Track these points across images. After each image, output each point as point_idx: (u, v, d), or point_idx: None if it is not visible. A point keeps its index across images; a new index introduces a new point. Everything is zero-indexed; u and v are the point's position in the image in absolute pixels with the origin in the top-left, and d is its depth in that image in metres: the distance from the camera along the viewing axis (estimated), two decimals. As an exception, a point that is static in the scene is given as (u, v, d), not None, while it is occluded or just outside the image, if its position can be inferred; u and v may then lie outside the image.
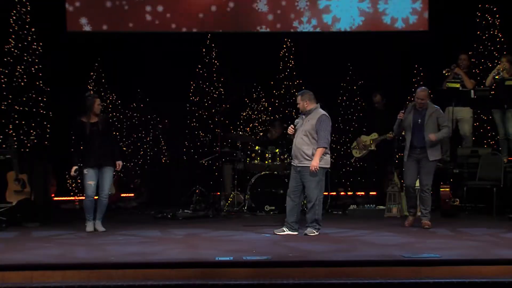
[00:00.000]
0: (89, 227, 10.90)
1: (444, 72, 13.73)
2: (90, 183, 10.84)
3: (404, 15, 15.68)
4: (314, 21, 15.67)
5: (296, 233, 10.38)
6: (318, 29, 15.69)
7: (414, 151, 11.10)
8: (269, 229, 10.89)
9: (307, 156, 10.28)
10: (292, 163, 10.56)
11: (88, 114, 10.98)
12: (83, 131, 10.89)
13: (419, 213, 11.30)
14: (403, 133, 11.68)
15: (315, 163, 10.09)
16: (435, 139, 10.86)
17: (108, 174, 11.00)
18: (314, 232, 10.27)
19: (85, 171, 10.86)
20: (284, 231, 10.39)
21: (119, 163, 11.01)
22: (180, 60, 15.83)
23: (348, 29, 15.64)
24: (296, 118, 10.60)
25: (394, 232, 10.60)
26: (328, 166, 10.49)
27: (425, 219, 11.17)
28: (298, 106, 10.58)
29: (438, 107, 11.33)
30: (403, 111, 11.24)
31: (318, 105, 10.55)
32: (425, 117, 11.09)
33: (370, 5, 15.66)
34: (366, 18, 15.65)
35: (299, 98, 10.57)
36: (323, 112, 10.47)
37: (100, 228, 10.96)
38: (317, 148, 10.19)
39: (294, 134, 10.48)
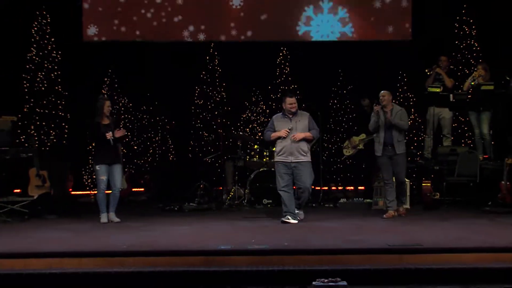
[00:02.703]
0: (103, 218, 10.93)
1: (426, 71, 13.82)
2: (103, 178, 10.91)
3: (390, 26, 15.66)
4: (308, 31, 15.65)
5: (297, 221, 10.52)
6: (312, 39, 15.66)
7: (386, 148, 11.30)
8: (267, 221, 10.90)
9: (304, 152, 10.57)
10: (283, 160, 10.60)
11: (100, 115, 11.04)
12: (99, 131, 10.90)
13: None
14: None
15: (301, 135, 10.56)
16: (389, 118, 11.18)
17: (118, 170, 11.09)
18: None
19: (97, 167, 10.90)
20: (290, 220, 10.47)
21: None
22: (186, 67, 15.83)
23: (338, 39, 15.62)
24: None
25: (380, 222, 10.60)
26: None
27: (401, 208, 11.48)
28: (292, 106, 10.63)
29: (403, 108, 11.56)
30: (378, 105, 11.31)
31: None
32: (392, 117, 11.26)
33: (359, 16, 15.64)
34: (355, 29, 15.62)
35: (294, 99, 10.68)
36: (305, 112, 10.95)
37: (115, 219, 11.00)
38: (311, 134, 10.67)
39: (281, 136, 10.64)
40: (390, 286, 7.30)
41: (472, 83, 13.15)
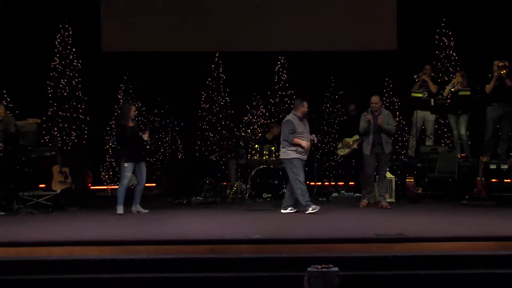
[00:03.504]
0: (120, 210, 10.94)
1: (414, 76, 13.85)
2: (128, 174, 11.03)
3: (377, 38, 15.67)
4: (304, 41, 15.66)
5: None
6: (307, 49, 15.66)
7: (374, 147, 11.46)
8: (267, 213, 10.89)
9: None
10: (303, 158, 10.81)
11: (126, 119, 11.11)
12: (127, 132, 11.03)
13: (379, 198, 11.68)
14: None
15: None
16: (380, 124, 11.30)
17: (143, 167, 11.28)
18: None
19: (126, 164, 10.98)
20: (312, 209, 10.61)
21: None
22: (194, 74, 15.82)
23: (329, 50, 15.63)
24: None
25: (368, 214, 10.60)
26: None
27: (384, 201, 11.60)
28: (306, 110, 10.93)
29: (389, 112, 11.73)
30: (368, 114, 11.45)
31: None
32: (379, 120, 11.41)
33: (349, 27, 15.65)
34: (347, 40, 15.63)
35: (306, 103, 10.98)
36: None
37: (143, 210, 11.17)
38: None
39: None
40: (378, 271, 7.30)
41: (452, 89, 13.16)
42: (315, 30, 15.69)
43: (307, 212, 10.55)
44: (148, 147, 15.09)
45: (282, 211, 10.90)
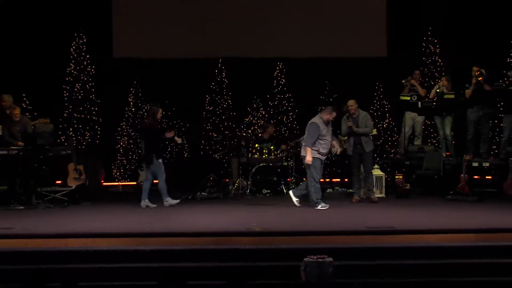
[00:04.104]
0: (171, 201, 11.31)
1: (403, 81, 13.87)
2: (163, 169, 11.30)
3: (368, 45, 15.68)
4: (301, 48, 15.66)
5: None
6: (303, 55, 15.66)
7: (356, 146, 11.57)
8: (266, 207, 10.90)
9: None
10: (322, 158, 10.88)
11: (155, 120, 11.29)
12: (159, 133, 11.42)
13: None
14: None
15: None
16: (356, 131, 11.42)
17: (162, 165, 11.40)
18: None
19: (159, 160, 11.25)
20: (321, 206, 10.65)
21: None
22: (198, 79, 15.82)
23: (324, 56, 15.62)
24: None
25: (359, 209, 10.63)
26: None
27: (372, 195, 11.67)
28: (332, 119, 11.04)
29: (367, 113, 11.90)
30: (350, 121, 11.55)
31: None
32: (359, 121, 11.55)
33: (343, 36, 15.65)
34: (340, 47, 15.63)
35: (335, 114, 11.11)
36: None
37: (173, 202, 11.35)
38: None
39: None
40: (369, 261, 7.31)
41: (438, 90, 13.18)
42: (311, 38, 15.66)
43: (316, 208, 10.57)
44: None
45: (290, 192, 11.07)
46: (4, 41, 14.68)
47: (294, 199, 10.88)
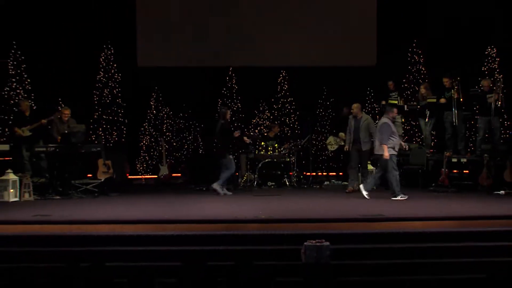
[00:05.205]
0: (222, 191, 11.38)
1: (389, 83, 13.80)
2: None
3: (360, 56, 15.67)
4: (301, 58, 15.66)
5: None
6: (303, 64, 15.66)
7: (356, 144, 11.62)
8: (271, 198, 10.90)
9: None
10: (395, 153, 10.60)
11: (225, 120, 11.58)
12: (231, 131, 11.80)
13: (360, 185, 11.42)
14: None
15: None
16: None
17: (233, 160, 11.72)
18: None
19: (230, 156, 11.59)
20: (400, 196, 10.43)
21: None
22: (211, 85, 15.85)
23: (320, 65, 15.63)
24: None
25: (353, 199, 10.60)
26: None
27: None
28: (395, 116, 11.23)
29: (369, 117, 11.91)
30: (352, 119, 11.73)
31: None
32: (360, 123, 11.60)
33: (338, 48, 15.64)
34: (336, 57, 15.63)
35: (396, 110, 11.11)
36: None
37: (227, 192, 11.44)
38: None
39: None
40: (362, 245, 7.31)
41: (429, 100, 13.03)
42: (310, 50, 15.65)
43: (395, 198, 10.32)
44: (166, 145, 15.23)
45: (361, 187, 10.75)
46: (43, 53, 14.79)
47: (365, 193, 10.51)
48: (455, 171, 12.77)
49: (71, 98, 14.49)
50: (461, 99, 12.38)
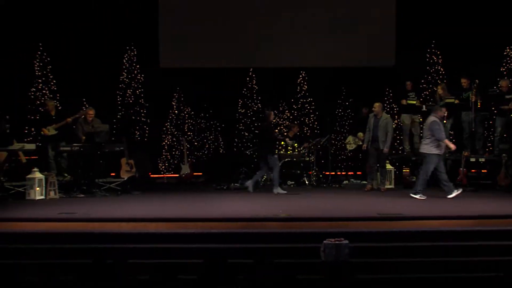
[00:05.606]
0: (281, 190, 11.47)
1: (407, 83, 13.55)
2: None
3: (379, 57, 15.59)
4: (320, 59, 15.61)
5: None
6: (323, 65, 15.62)
7: (374, 143, 11.60)
8: (290, 196, 10.89)
9: None
10: (440, 153, 10.35)
11: (269, 122, 11.84)
12: (275, 133, 12.16)
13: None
14: None
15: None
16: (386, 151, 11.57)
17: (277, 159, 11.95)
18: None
19: (275, 156, 11.76)
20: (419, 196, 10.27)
21: None
22: (232, 85, 15.89)
23: (342, 65, 15.57)
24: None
25: (371, 198, 10.57)
26: None
27: (382, 186, 11.75)
28: (444, 115, 10.97)
29: (388, 116, 11.91)
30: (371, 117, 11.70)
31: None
32: (379, 122, 11.59)
33: (357, 48, 15.58)
34: (355, 58, 15.56)
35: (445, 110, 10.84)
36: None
37: (281, 191, 11.47)
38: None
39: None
40: (380, 244, 7.28)
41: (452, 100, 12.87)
42: (330, 51, 15.57)
43: (414, 196, 10.15)
44: (187, 144, 15.29)
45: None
46: (68, 55, 14.94)
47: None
48: (473, 170, 12.67)
49: (96, 98, 14.61)
50: (479, 104, 12.25)
